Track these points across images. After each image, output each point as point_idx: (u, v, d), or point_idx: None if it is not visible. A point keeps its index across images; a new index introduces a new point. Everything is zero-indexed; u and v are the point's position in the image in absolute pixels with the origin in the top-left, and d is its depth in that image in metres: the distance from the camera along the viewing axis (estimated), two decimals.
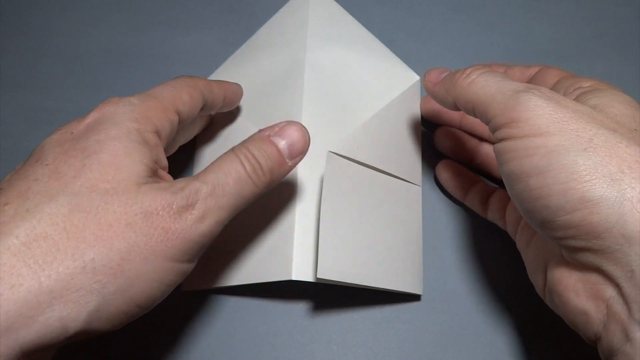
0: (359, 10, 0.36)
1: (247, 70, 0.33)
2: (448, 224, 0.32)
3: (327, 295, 0.30)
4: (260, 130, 0.23)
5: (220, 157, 0.22)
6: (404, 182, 0.31)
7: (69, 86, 0.35)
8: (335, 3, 0.34)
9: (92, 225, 0.18)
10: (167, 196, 0.19)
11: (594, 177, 0.18)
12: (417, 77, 0.34)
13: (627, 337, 0.18)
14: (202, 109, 0.26)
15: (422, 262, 0.30)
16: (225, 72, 0.34)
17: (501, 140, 0.21)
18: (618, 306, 0.18)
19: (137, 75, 0.36)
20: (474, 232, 0.31)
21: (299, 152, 0.23)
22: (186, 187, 0.20)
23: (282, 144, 0.23)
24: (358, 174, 0.28)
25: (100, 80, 0.36)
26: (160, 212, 0.19)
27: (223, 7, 0.38)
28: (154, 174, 0.21)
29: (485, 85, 0.22)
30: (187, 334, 0.29)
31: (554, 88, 0.25)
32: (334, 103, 0.30)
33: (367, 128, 0.30)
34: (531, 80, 0.27)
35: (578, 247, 0.19)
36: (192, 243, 0.20)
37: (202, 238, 0.20)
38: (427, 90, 0.27)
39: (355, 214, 0.27)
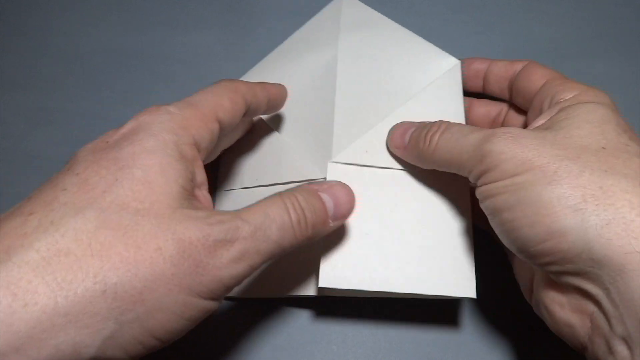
0: None
1: (277, 75, 0.32)
2: None
3: (327, 296, 0.30)
4: (309, 183, 0.23)
5: (266, 199, 0.21)
6: (444, 173, 0.26)
7: (69, 86, 0.35)
8: (368, 7, 0.34)
9: (119, 245, 0.17)
10: (204, 227, 0.18)
11: (558, 209, 0.19)
12: (457, 61, 0.31)
13: (610, 351, 0.19)
14: (245, 114, 0.25)
15: (472, 260, 0.25)
16: (254, 78, 0.33)
17: (479, 187, 0.22)
18: (600, 321, 0.19)
19: (137, 75, 0.36)
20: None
21: (343, 215, 0.23)
22: (227, 222, 0.19)
23: (329, 202, 0.22)
24: (371, 177, 0.27)
25: (100, 80, 0.36)
26: (195, 243, 0.18)
27: (223, 7, 0.38)
28: (189, 195, 0.20)
29: (449, 148, 0.23)
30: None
31: (538, 95, 0.26)
32: (368, 99, 0.29)
33: (388, 126, 0.28)
34: (516, 79, 0.28)
35: (555, 270, 0.20)
36: (221, 284, 0.19)
37: (232, 280, 0.19)
38: (396, 154, 0.27)
39: (374, 218, 0.26)
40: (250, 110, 0.25)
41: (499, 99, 0.30)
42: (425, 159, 0.25)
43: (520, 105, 0.28)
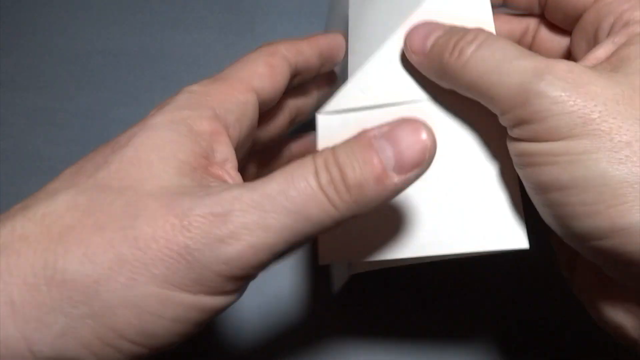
0: None
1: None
2: None
3: (327, 294, 0.30)
4: (363, 130, 0.16)
5: (294, 166, 0.15)
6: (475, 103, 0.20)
7: (69, 86, 0.35)
8: None
9: (80, 227, 0.14)
10: (185, 202, 0.14)
11: (630, 198, 0.14)
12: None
13: None
14: (294, 77, 0.21)
15: (520, 206, 0.20)
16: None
17: (514, 140, 0.17)
18: None
19: (137, 75, 0.36)
20: None
21: (412, 165, 0.15)
22: (221, 192, 0.14)
23: (387, 150, 0.15)
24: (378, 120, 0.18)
25: (100, 80, 0.36)
26: (171, 220, 0.14)
27: (223, 7, 0.38)
28: (196, 171, 0.16)
29: (484, 70, 0.17)
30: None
31: (592, 12, 0.19)
32: (380, 16, 0.23)
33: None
34: None
35: (613, 272, 0.17)
36: (211, 271, 0.14)
37: (229, 268, 0.14)
38: (413, 63, 0.20)
39: None
40: (299, 71, 0.21)
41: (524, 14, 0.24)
42: (448, 76, 0.19)
43: (558, 23, 0.22)
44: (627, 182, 0.15)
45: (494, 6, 0.22)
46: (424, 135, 0.15)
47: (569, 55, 0.21)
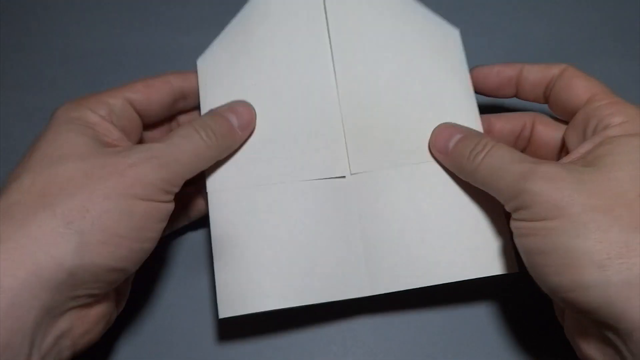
0: None
1: (254, 55, 0.29)
2: None
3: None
4: (212, 110, 0.27)
5: (181, 128, 0.25)
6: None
7: (69, 86, 0.35)
8: None
9: (53, 183, 0.21)
10: (124, 158, 0.22)
11: (584, 263, 0.20)
12: (457, 31, 0.30)
13: None
14: (184, 98, 0.28)
15: (507, 235, 0.26)
16: (219, 60, 0.29)
17: (513, 219, 0.23)
18: None
19: (137, 75, 0.35)
20: None
21: (247, 124, 0.27)
22: (142, 148, 0.23)
23: (232, 118, 0.26)
24: (393, 178, 0.27)
25: (100, 80, 0.36)
26: (117, 160, 0.22)
27: (223, 7, 0.38)
28: (102, 145, 0.23)
29: (491, 173, 0.24)
30: (185, 332, 0.29)
31: (582, 113, 0.25)
32: (372, 83, 0.28)
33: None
34: (554, 88, 0.27)
35: (579, 316, 0.22)
36: (148, 184, 0.22)
37: (157, 179, 0.23)
38: (438, 158, 0.27)
39: (406, 216, 0.27)
40: (186, 95, 0.29)
41: (518, 101, 0.29)
42: (465, 173, 0.25)
43: (559, 115, 0.27)
44: (582, 253, 0.20)
45: (506, 97, 0.29)
46: (250, 109, 0.27)
47: (563, 144, 0.27)
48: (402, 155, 0.27)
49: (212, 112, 0.27)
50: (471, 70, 0.29)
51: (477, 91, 0.29)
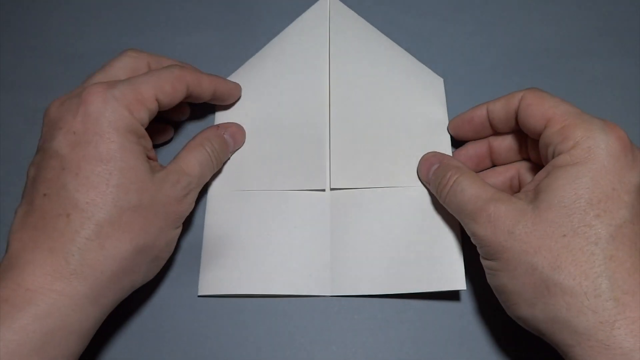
0: (360, 11, 0.36)
1: (263, 79, 0.34)
2: None
3: (327, 296, 0.30)
4: (212, 127, 0.31)
5: (192, 146, 0.28)
6: (419, 187, 0.31)
7: (69, 86, 0.35)
8: (353, 12, 0.35)
9: (117, 224, 0.23)
10: (171, 189, 0.26)
11: (518, 301, 0.23)
12: (441, 80, 0.34)
13: None
14: (187, 97, 0.29)
15: (461, 256, 0.29)
16: (239, 80, 0.34)
17: (480, 256, 0.26)
18: None
19: None
20: None
21: (238, 147, 0.32)
22: (181, 180, 0.26)
23: (229, 139, 0.31)
24: (367, 196, 0.31)
25: None
26: (171, 202, 0.26)
27: (223, 7, 0.38)
28: (148, 160, 0.25)
29: (455, 206, 0.26)
30: (186, 333, 0.29)
31: (542, 142, 0.26)
32: (360, 113, 0.32)
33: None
34: (519, 118, 0.27)
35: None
36: (186, 213, 0.27)
37: (190, 209, 0.28)
38: (425, 185, 0.30)
39: (373, 231, 0.30)
40: (192, 97, 0.29)
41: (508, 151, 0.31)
42: (442, 200, 0.28)
43: (534, 137, 0.28)
44: (516, 292, 0.23)
45: (487, 136, 0.31)
46: (244, 132, 0.32)
47: None
48: (378, 178, 0.31)
49: (217, 134, 0.30)
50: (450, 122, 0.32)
51: (458, 139, 0.32)
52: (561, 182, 0.23)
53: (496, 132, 0.30)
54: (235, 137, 0.32)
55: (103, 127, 0.24)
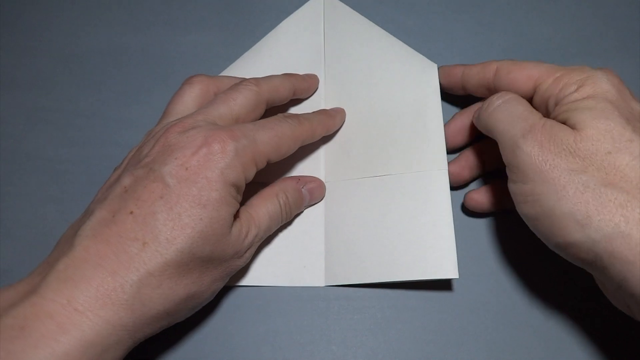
0: (360, 11, 0.36)
1: (258, 73, 0.33)
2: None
3: (327, 296, 0.30)
4: (293, 178, 0.30)
5: (265, 195, 0.28)
6: (411, 174, 0.30)
7: (69, 86, 0.35)
8: (347, 7, 0.36)
9: (199, 262, 0.24)
10: (238, 244, 0.25)
11: (569, 224, 0.22)
12: (435, 65, 0.33)
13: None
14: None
15: (453, 244, 0.28)
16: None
17: (510, 181, 0.25)
18: None
19: (137, 75, 0.36)
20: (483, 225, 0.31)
21: (315, 203, 0.31)
22: (249, 234, 0.26)
23: (306, 195, 0.30)
24: (356, 188, 0.31)
25: (100, 80, 0.36)
26: (233, 256, 0.25)
27: (223, 7, 0.38)
28: (234, 217, 0.25)
29: (500, 121, 0.26)
30: (186, 333, 0.29)
31: (538, 98, 0.27)
32: (355, 105, 0.33)
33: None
34: (499, 84, 0.28)
35: (588, 268, 0.24)
36: (235, 271, 0.27)
37: (241, 267, 0.27)
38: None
39: (357, 220, 0.31)
40: (271, 103, 0.29)
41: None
42: (485, 117, 0.27)
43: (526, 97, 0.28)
44: (566, 214, 0.22)
45: (460, 94, 0.32)
46: (324, 189, 0.31)
47: None
48: (372, 167, 0.31)
49: (294, 187, 0.30)
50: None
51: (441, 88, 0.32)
52: (588, 113, 0.23)
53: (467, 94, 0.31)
54: (313, 193, 0.31)
55: (214, 174, 0.24)
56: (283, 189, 0.29)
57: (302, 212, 0.31)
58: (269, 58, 0.35)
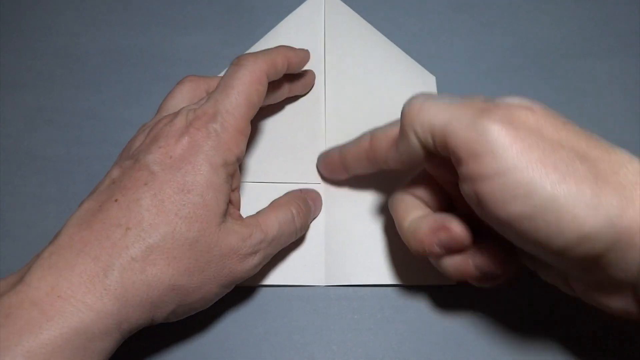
0: (360, 10, 0.36)
1: None
2: None
3: (327, 296, 0.30)
4: (297, 191, 0.30)
5: (278, 203, 0.28)
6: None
7: (69, 86, 0.35)
8: (348, 8, 0.36)
9: (184, 250, 0.23)
10: (238, 243, 0.24)
11: (579, 211, 0.18)
12: (433, 77, 0.35)
13: None
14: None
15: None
16: None
17: (471, 179, 0.20)
18: None
19: (138, 75, 0.36)
20: None
21: (318, 212, 0.31)
22: (253, 236, 0.25)
23: (312, 207, 0.30)
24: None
25: (100, 80, 0.36)
26: (231, 256, 0.24)
27: (223, 7, 0.38)
28: (228, 205, 0.25)
29: (438, 111, 0.22)
30: (186, 333, 0.29)
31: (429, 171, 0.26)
32: (355, 109, 0.33)
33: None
34: (383, 159, 0.27)
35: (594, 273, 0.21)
36: (242, 279, 0.26)
37: (249, 275, 0.26)
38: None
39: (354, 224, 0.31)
40: (271, 78, 0.28)
41: None
42: (408, 127, 0.25)
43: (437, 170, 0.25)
44: (571, 199, 0.18)
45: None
46: (321, 202, 0.31)
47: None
48: None
49: (304, 199, 0.29)
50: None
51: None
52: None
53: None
54: (315, 203, 0.30)
55: (199, 159, 0.24)
56: (294, 198, 0.29)
57: None
58: None
